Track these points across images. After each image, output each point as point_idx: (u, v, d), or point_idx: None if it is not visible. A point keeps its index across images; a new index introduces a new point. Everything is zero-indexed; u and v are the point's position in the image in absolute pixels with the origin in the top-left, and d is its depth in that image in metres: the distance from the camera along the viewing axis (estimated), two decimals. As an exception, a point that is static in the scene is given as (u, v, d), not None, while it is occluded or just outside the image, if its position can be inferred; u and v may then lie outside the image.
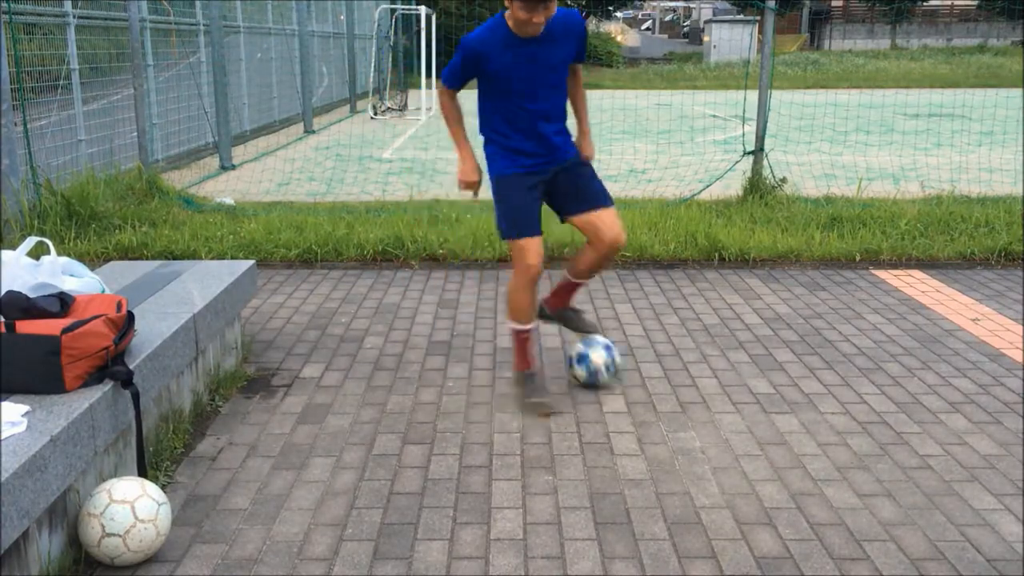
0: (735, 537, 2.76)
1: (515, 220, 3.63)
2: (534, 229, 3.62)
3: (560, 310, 4.06)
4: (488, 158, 3.73)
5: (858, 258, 6.16)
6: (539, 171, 3.67)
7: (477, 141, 3.72)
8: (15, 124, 6.13)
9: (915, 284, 5.65)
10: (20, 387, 2.57)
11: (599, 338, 3.95)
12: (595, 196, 3.73)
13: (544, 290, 4.32)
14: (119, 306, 2.90)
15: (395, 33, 19.21)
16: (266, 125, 14.28)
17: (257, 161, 10.99)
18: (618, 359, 3.93)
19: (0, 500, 2.09)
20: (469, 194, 3.84)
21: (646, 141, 12.97)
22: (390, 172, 10.28)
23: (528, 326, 3.74)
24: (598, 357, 3.86)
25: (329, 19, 18.66)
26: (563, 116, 3.73)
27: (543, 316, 4.05)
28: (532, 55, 3.54)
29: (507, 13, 3.49)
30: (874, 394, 3.89)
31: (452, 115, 3.73)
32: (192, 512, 2.88)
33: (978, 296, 5.37)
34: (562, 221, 3.84)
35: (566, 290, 4.00)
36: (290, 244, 6.19)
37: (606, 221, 3.69)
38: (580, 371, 3.89)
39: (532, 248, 3.58)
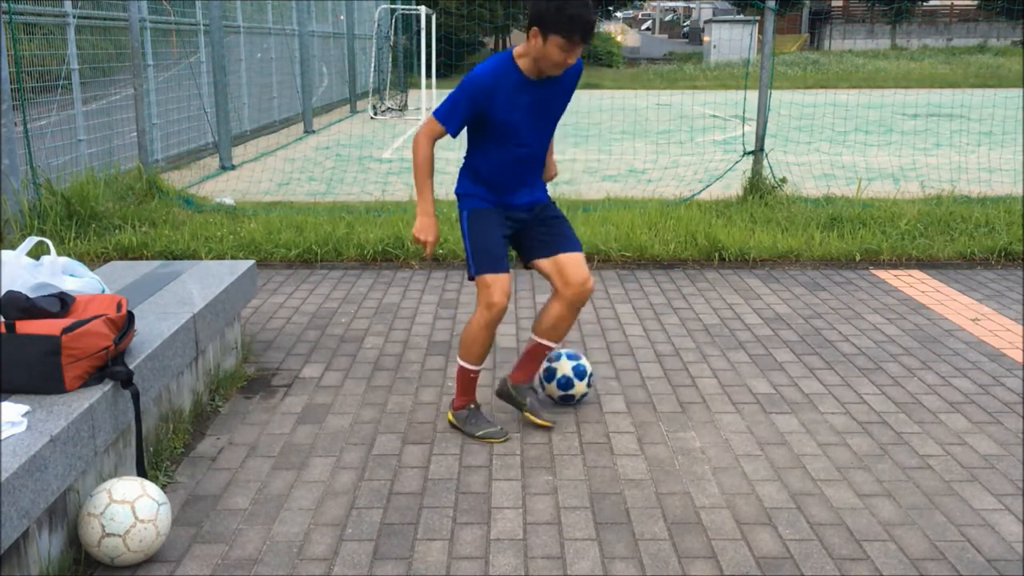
0: (735, 537, 2.76)
1: (483, 256, 3.39)
2: (502, 266, 3.37)
3: (519, 386, 3.61)
4: (460, 191, 3.53)
5: (858, 258, 6.16)
6: (510, 212, 3.48)
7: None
8: (15, 124, 6.13)
9: (915, 284, 5.65)
10: (20, 387, 2.57)
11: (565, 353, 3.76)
12: (564, 240, 3.49)
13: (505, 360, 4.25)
14: (119, 306, 2.90)
15: (395, 33, 19.20)
16: (266, 125, 14.28)
17: (257, 161, 10.99)
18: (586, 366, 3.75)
19: (0, 500, 2.09)
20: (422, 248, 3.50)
21: (646, 141, 12.96)
22: (390, 172, 10.28)
23: (479, 367, 3.52)
24: (564, 367, 3.69)
25: (329, 19, 18.66)
26: (543, 160, 3.51)
27: (502, 394, 3.66)
28: (544, 98, 3.30)
29: (517, 51, 3.22)
30: (874, 394, 3.89)
31: (425, 165, 3.40)
32: (192, 512, 2.88)
33: (978, 296, 5.37)
34: (526, 266, 3.59)
35: (532, 356, 3.58)
36: (290, 244, 6.19)
37: (573, 262, 3.43)
38: (552, 387, 3.71)
39: (499, 285, 3.34)
